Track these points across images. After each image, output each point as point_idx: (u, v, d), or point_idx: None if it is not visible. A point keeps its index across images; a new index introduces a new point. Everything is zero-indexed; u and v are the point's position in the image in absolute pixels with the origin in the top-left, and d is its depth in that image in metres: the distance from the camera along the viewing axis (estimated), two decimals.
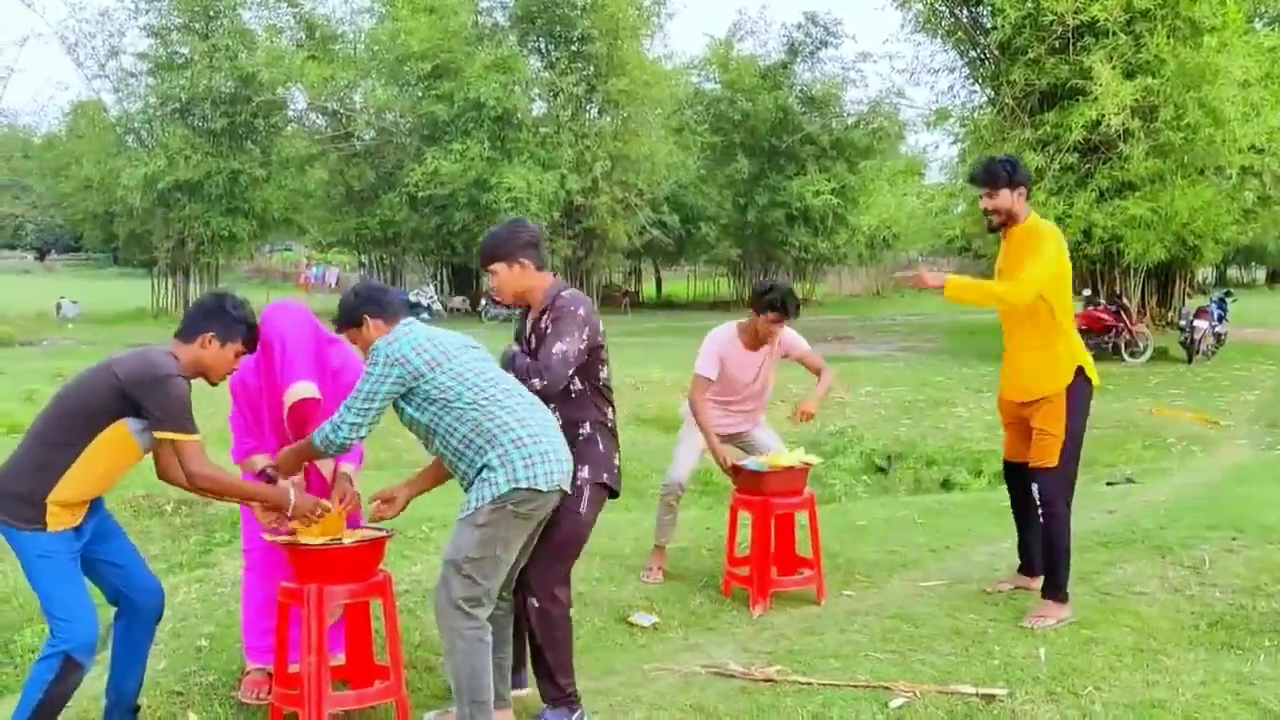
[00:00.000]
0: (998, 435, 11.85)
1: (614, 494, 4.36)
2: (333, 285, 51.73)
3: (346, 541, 4.12)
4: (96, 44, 33.23)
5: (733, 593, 5.72)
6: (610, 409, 4.34)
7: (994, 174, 5.10)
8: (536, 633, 4.16)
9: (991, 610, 5.28)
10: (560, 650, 4.16)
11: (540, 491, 3.83)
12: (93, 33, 33.71)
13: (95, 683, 4.32)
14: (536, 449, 3.84)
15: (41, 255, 72.38)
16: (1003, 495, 8.41)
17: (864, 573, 6.08)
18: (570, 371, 4.13)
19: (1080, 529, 6.74)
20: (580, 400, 4.23)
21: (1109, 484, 8.87)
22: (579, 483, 4.14)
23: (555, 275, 4.41)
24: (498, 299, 4.33)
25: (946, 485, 10.27)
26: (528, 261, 4.26)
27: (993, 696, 4.27)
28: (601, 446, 4.25)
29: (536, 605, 4.12)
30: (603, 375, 4.30)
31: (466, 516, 3.84)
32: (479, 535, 3.80)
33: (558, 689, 4.16)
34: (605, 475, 4.25)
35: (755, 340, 5.89)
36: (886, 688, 4.37)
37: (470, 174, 29.74)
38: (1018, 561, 5.71)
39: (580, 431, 4.21)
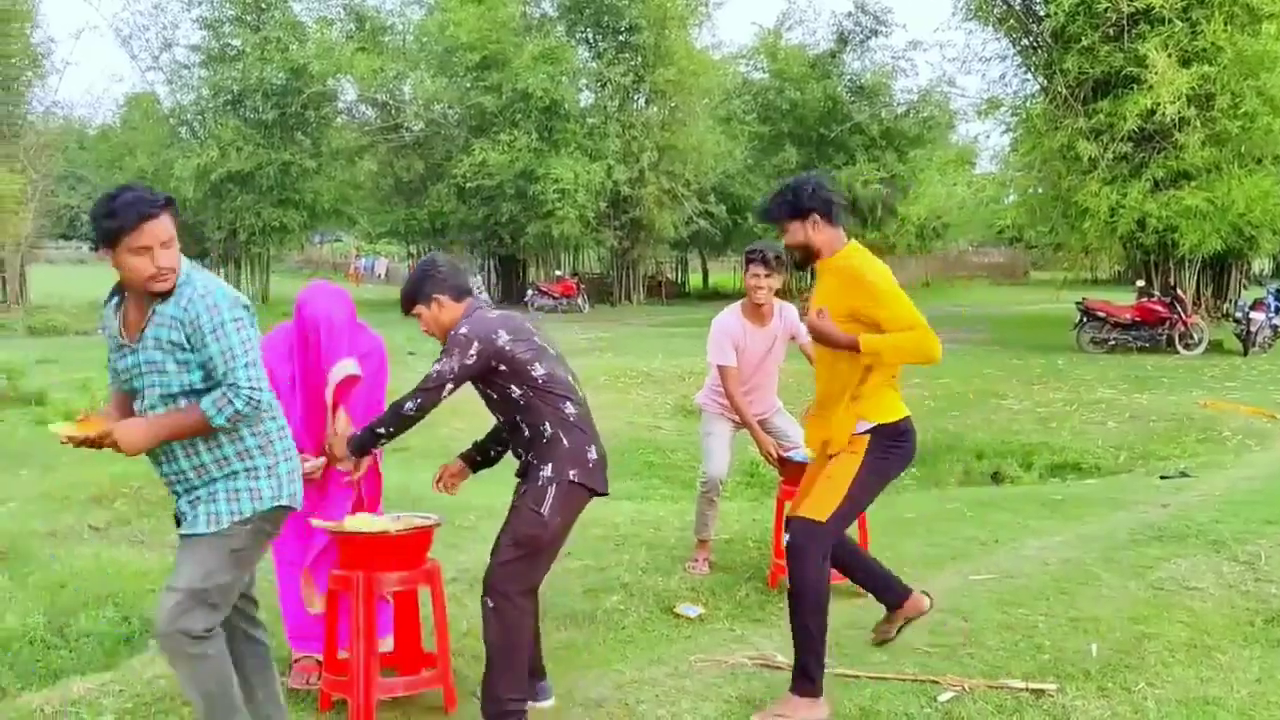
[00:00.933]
0: (1049, 427, 11.79)
1: (595, 493, 4.15)
2: (381, 276, 52.13)
3: (394, 530, 4.15)
4: (150, 36, 33.81)
5: (779, 584, 5.69)
6: (568, 402, 4.10)
7: (773, 211, 4.33)
8: (483, 632, 4.05)
9: (1042, 604, 5.22)
10: (502, 657, 4.00)
11: None
12: (146, 25, 34.33)
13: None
14: None
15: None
16: (1054, 488, 8.36)
17: (912, 566, 6.02)
18: (448, 389, 3.99)
19: (1134, 523, 6.69)
20: (529, 405, 4.05)
21: (1163, 478, 8.74)
22: (540, 482, 4.01)
23: (476, 298, 4.27)
24: (425, 330, 4.17)
25: (996, 478, 10.16)
26: (443, 297, 4.12)
27: (1043, 691, 4.22)
28: (567, 443, 4.05)
29: (489, 604, 4.00)
30: (538, 374, 4.05)
31: (216, 535, 3.47)
32: (232, 559, 3.48)
33: (493, 702, 4.01)
34: (573, 472, 4.03)
35: (758, 313, 5.90)
36: (935, 681, 4.33)
37: (517, 165, 29.83)
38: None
39: (543, 432, 4.05)
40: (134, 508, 8.12)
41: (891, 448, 4.23)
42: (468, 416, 12.71)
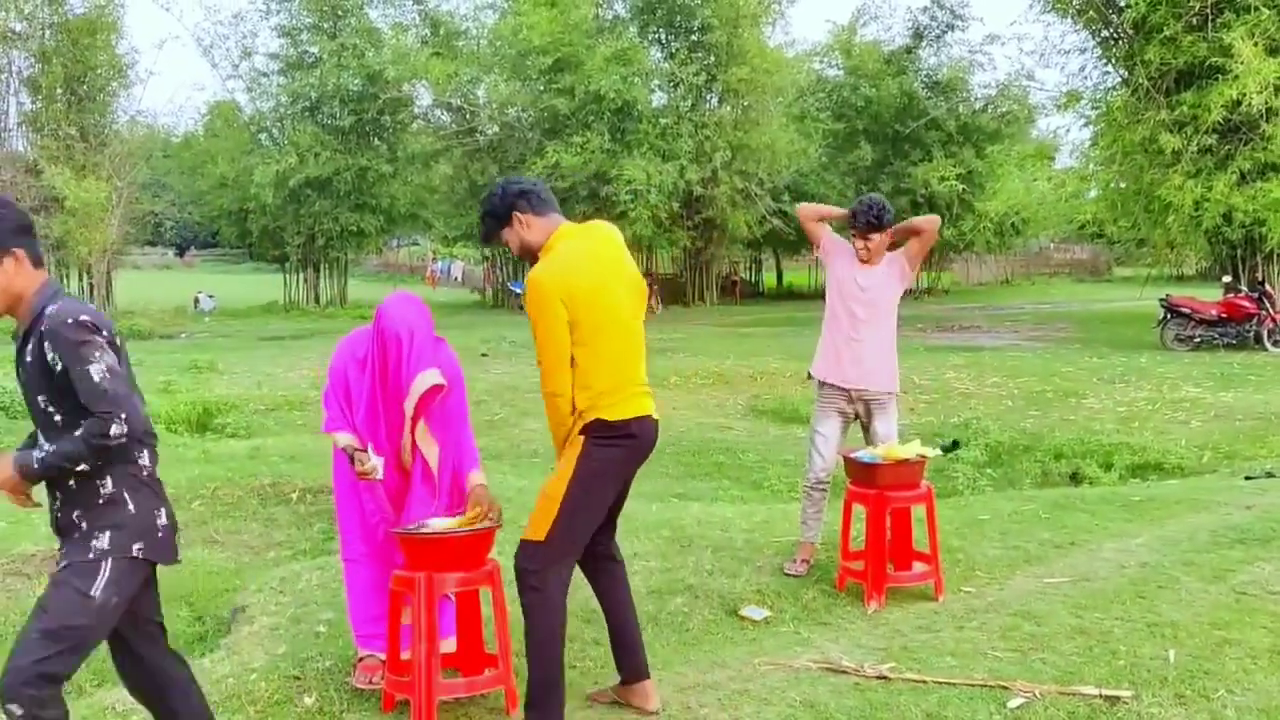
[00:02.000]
0: (1130, 427, 11.53)
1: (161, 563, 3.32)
2: (458, 279, 52.67)
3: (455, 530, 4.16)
4: (230, 45, 34.62)
5: (847, 587, 5.61)
6: (145, 452, 3.28)
7: (486, 237, 4.28)
8: None
9: (1118, 609, 5.08)
10: None
11: None
12: (226, 34, 35.24)
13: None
14: None
15: (181, 251, 75.19)
16: (1134, 489, 8.15)
17: (984, 568, 5.91)
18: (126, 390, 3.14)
19: (1216, 525, 6.50)
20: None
21: (1248, 478, 8.49)
22: (91, 555, 3.14)
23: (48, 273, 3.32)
24: None
25: (1075, 479, 9.94)
26: (22, 253, 3.19)
27: (1117, 699, 4.10)
28: (132, 506, 3.20)
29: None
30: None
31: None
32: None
33: None
34: (138, 546, 3.20)
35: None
36: (1005, 687, 4.23)
37: (590, 166, 29.90)
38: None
39: (100, 488, 3.17)
40: (210, 509, 8.28)
41: (606, 446, 3.93)
42: (545, 418, 12.79)
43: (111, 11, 30.84)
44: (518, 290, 33.38)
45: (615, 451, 3.96)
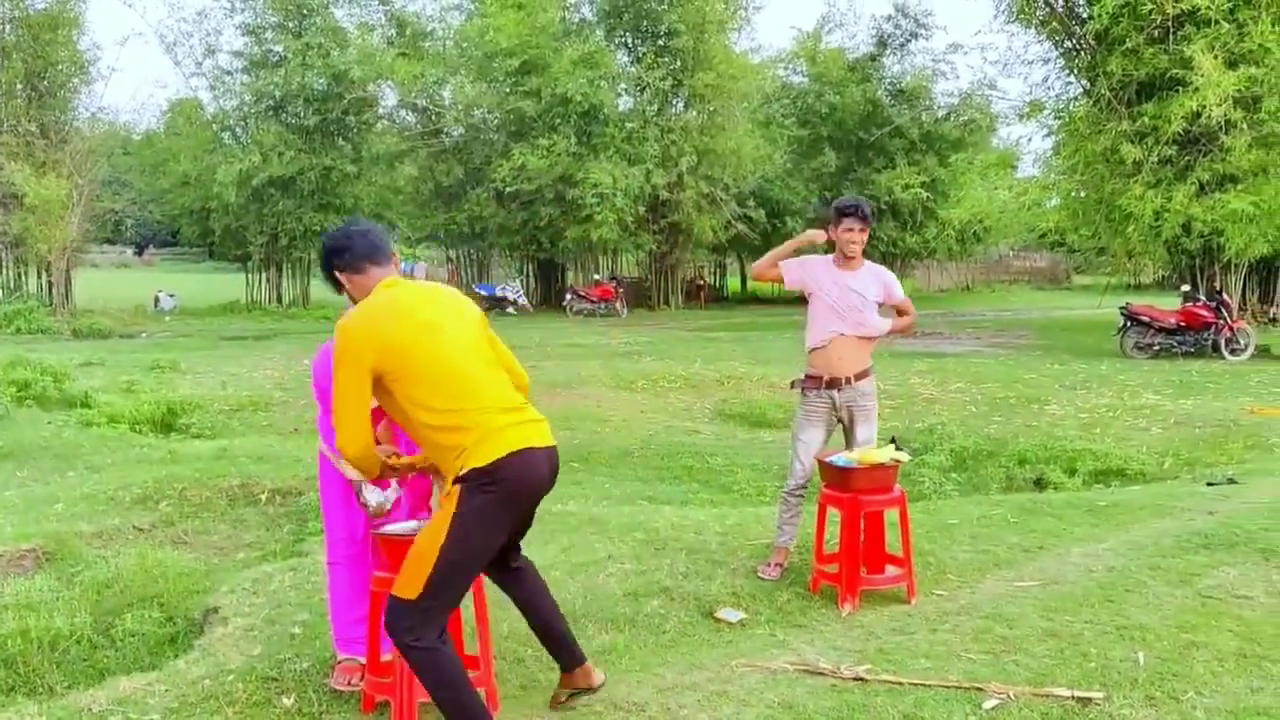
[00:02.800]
0: (1093, 433, 11.67)
1: None
2: (421, 280, 52.36)
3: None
4: (194, 43, 34.47)
5: (821, 590, 5.66)
6: None
7: (330, 284, 4.07)
8: None
9: (1087, 612, 5.16)
10: None
11: None
12: (190, 32, 34.96)
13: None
14: None
15: (140, 250, 74.36)
16: (1099, 495, 8.26)
17: (955, 572, 5.98)
18: None
19: (1181, 530, 6.61)
20: None
21: (1210, 484, 8.62)
22: None
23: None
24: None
25: (1040, 484, 10.06)
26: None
27: (1089, 700, 4.17)
28: None
29: None
30: None
31: None
32: None
33: None
34: None
35: (848, 263, 5.97)
36: (979, 689, 4.29)
37: (556, 169, 29.93)
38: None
39: None
40: (178, 509, 8.22)
41: (481, 493, 3.65)
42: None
43: (74, 7, 30.48)
44: (484, 292, 33.33)
45: (490, 498, 3.65)
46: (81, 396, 13.21)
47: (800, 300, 6.21)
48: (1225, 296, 20.03)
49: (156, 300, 33.52)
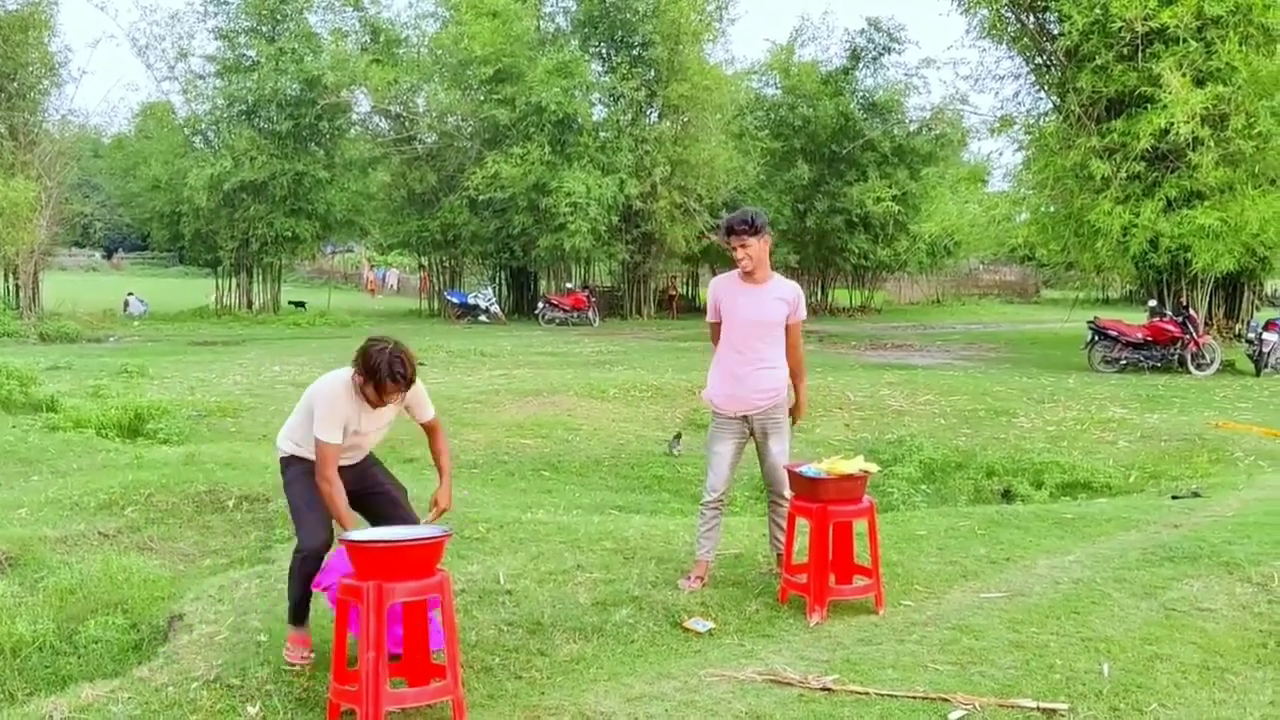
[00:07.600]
0: (1060, 446, 11.76)
1: None
2: (393, 287, 52.24)
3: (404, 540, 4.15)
4: (166, 46, 33.96)
5: (790, 600, 5.67)
6: None
7: None
8: None
9: (1053, 623, 5.19)
10: None
11: None
12: (163, 35, 34.50)
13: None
14: None
15: (109, 253, 73.72)
16: (1066, 507, 8.31)
17: (923, 583, 6.01)
18: None
19: (1146, 543, 6.66)
20: None
21: (1174, 498, 8.70)
22: None
23: None
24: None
25: (1007, 496, 10.13)
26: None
27: (1054, 711, 4.20)
28: None
29: None
30: None
31: None
32: None
33: None
34: None
35: (750, 278, 5.85)
36: (945, 699, 4.31)
37: (530, 178, 29.90)
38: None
39: None
40: (144, 515, 8.15)
41: None
42: (483, 428, 12.76)
43: (45, 8, 30.18)
44: (455, 300, 33.25)
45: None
46: (48, 400, 13.07)
47: None
48: (1192, 312, 20.22)
49: (126, 304, 33.24)
